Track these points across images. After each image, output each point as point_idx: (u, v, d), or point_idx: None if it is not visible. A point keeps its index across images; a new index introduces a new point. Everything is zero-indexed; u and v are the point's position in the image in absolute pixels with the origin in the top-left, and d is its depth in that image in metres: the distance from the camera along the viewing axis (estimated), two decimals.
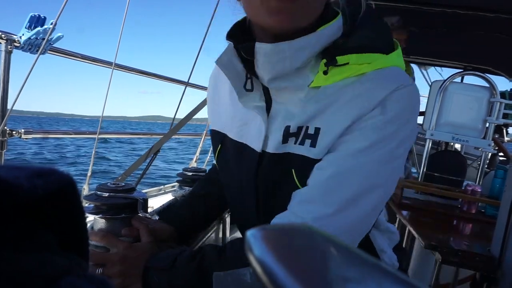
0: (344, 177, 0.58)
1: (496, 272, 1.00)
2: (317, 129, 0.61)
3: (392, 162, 0.59)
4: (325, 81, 0.60)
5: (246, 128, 0.70)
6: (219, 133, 0.78)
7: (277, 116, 0.65)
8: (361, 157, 0.58)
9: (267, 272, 0.17)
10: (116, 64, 1.69)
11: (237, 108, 0.70)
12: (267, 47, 0.57)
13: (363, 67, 0.59)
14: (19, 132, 1.36)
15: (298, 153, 0.62)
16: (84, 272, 0.21)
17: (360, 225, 0.61)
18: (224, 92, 0.77)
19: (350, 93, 0.59)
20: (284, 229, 0.20)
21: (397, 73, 0.61)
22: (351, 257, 0.18)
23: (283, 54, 0.57)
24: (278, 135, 0.64)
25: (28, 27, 1.28)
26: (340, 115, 0.59)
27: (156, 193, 2.15)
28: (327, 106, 0.60)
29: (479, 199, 1.57)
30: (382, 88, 0.58)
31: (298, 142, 0.62)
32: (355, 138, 0.58)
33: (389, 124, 0.57)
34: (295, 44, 0.57)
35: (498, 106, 1.75)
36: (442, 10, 2.24)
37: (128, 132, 2.64)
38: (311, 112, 0.61)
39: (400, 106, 0.58)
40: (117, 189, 0.78)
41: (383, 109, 0.57)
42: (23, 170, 0.20)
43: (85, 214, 0.24)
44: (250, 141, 0.69)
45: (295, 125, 0.63)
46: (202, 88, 2.60)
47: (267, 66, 0.59)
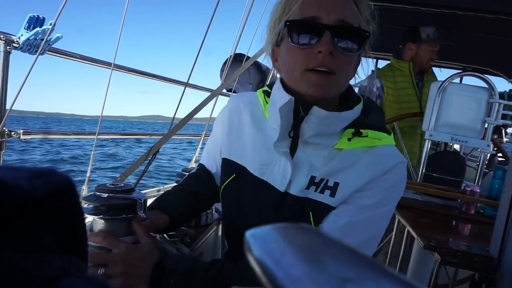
0: (354, 227, 0.74)
1: (495, 273, 1.00)
2: (336, 183, 0.76)
3: (388, 217, 0.79)
4: (347, 145, 0.77)
5: (269, 168, 0.81)
6: (236, 164, 0.87)
7: (301, 165, 0.78)
8: (368, 212, 0.75)
9: (266, 273, 0.17)
10: (115, 64, 1.69)
11: (260, 149, 0.83)
12: (323, 113, 0.72)
13: (375, 141, 0.77)
14: (18, 132, 1.36)
15: (318, 200, 0.76)
16: (83, 273, 0.21)
17: None
18: (249, 130, 0.87)
19: (365, 160, 0.76)
20: (284, 230, 0.20)
21: (397, 151, 0.80)
22: (351, 257, 0.18)
23: (332, 121, 0.74)
24: (303, 181, 0.77)
25: (27, 27, 1.28)
26: (356, 175, 0.76)
27: (155, 193, 2.15)
28: (347, 166, 0.76)
29: (478, 199, 1.57)
30: (389, 160, 0.76)
31: (319, 190, 0.77)
32: (366, 196, 0.75)
33: (391, 188, 0.76)
34: (342, 116, 0.75)
35: (497, 106, 1.76)
36: (440, 11, 2.24)
37: (128, 132, 2.63)
38: (333, 168, 0.77)
39: (399, 175, 0.77)
40: (116, 189, 0.77)
41: (389, 176, 0.75)
42: (22, 171, 0.20)
43: (84, 215, 0.24)
44: (272, 180, 0.80)
45: (319, 176, 0.77)
46: (202, 88, 2.60)
47: (316, 126, 0.74)
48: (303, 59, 0.71)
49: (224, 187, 0.89)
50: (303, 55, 0.71)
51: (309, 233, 0.20)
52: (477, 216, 1.54)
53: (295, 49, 0.73)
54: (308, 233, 0.20)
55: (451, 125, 1.81)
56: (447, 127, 1.82)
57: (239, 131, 0.89)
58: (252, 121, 0.87)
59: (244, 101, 0.91)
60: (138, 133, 2.74)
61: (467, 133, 1.79)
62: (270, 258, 0.17)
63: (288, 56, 0.75)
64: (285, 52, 0.76)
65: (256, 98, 0.90)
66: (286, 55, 0.76)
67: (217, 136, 0.95)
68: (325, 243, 0.19)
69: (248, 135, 0.87)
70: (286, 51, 0.76)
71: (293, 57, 0.74)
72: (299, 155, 0.79)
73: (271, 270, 0.17)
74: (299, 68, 0.72)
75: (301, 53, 0.72)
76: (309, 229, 0.21)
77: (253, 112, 0.88)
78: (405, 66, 2.30)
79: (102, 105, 1.66)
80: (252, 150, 0.85)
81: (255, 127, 0.86)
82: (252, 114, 0.88)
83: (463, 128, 1.80)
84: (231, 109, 0.93)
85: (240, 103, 0.91)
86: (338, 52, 0.70)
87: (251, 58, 1.51)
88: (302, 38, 0.71)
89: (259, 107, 0.88)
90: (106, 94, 1.70)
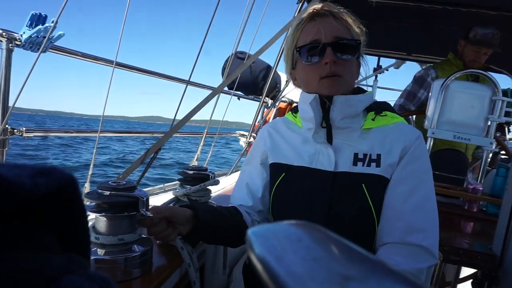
0: (428, 198, 0.89)
1: (497, 270, 1.00)
2: (378, 155, 0.91)
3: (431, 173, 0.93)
4: (373, 124, 0.94)
5: (315, 158, 0.95)
6: (283, 164, 1.00)
7: (341, 147, 0.94)
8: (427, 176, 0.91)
9: (268, 270, 0.17)
10: (117, 62, 1.69)
11: (302, 146, 0.99)
12: (341, 98, 0.89)
13: (394, 119, 0.96)
14: (21, 130, 1.36)
15: (368, 172, 0.90)
16: (85, 270, 0.21)
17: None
18: (288, 137, 1.04)
19: (394, 133, 0.93)
20: (285, 227, 0.20)
21: (413, 127, 0.98)
22: (353, 255, 0.18)
23: (351, 103, 0.90)
24: (348, 159, 0.92)
25: (29, 25, 1.28)
26: (393, 145, 0.91)
27: (157, 191, 2.16)
28: (381, 141, 0.92)
29: (481, 197, 1.56)
30: (413, 131, 0.94)
31: (366, 165, 0.91)
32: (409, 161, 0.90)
33: (425, 151, 0.95)
34: (358, 98, 0.92)
35: (500, 104, 1.75)
36: (443, 7, 2.23)
37: (130, 130, 2.63)
38: (370, 144, 0.92)
39: (423, 144, 0.94)
40: (118, 187, 0.78)
41: (418, 143, 0.92)
42: (24, 169, 0.20)
43: (86, 213, 0.24)
44: (320, 165, 0.94)
45: (361, 152, 0.92)
46: (203, 86, 2.60)
47: (340, 110, 0.90)
48: (316, 72, 0.92)
49: (275, 189, 1.00)
50: (315, 69, 0.92)
51: (311, 230, 0.20)
52: (480, 214, 1.54)
53: (308, 66, 0.93)
54: (310, 231, 0.20)
55: (454, 122, 1.81)
56: (450, 124, 1.81)
57: (280, 140, 1.05)
58: (290, 130, 1.05)
59: (276, 121, 1.12)
60: (140, 131, 2.74)
61: (470, 130, 1.79)
62: (271, 255, 0.17)
63: (304, 73, 0.96)
64: (302, 71, 0.97)
65: (285, 118, 1.10)
66: (302, 73, 0.97)
67: (257, 154, 1.09)
68: (327, 241, 0.19)
69: (289, 141, 1.03)
70: (302, 70, 0.96)
71: (307, 73, 0.95)
72: (336, 142, 0.95)
73: (273, 267, 0.16)
74: (315, 79, 0.92)
75: (313, 68, 0.92)
76: (311, 226, 0.20)
77: (287, 126, 1.07)
78: (459, 63, 2.26)
79: (101, 104, 1.67)
80: (295, 150, 1.00)
81: (293, 133, 1.04)
82: (287, 127, 1.06)
83: (466, 126, 1.79)
84: (268, 129, 1.10)
85: (274, 124, 1.10)
86: (340, 60, 0.90)
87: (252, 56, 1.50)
88: (311, 57, 0.92)
89: (291, 122, 1.07)
90: (108, 91, 1.70)
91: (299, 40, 0.95)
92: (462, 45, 2.25)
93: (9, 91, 1.28)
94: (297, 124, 1.05)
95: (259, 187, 1.05)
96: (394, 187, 0.89)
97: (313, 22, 0.93)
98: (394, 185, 0.89)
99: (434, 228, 0.87)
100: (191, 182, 1.27)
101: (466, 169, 1.83)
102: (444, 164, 1.80)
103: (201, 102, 1.60)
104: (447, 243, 1.07)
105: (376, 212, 0.88)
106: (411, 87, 2.39)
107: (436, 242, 0.87)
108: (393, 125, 0.95)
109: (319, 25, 0.91)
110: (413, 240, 0.84)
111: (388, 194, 0.89)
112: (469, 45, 2.18)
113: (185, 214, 0.88)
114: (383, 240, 0.89)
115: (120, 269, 0.75)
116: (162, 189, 2.20)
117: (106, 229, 0.76)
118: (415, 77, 2.41)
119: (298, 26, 0.96)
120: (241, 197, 1.07)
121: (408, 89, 2.40)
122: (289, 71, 1.04)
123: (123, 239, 0.76)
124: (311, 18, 0.94)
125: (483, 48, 2.15)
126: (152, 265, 0.83)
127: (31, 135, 1.42)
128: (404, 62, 4.20)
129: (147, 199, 0.79)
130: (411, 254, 0.84)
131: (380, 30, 2.92)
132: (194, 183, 1.24)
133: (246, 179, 1.09)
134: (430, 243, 0.85)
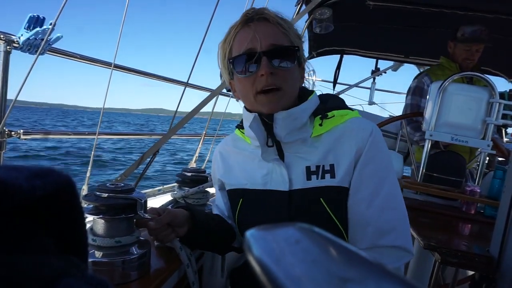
0: (392, 195, 0.85)
1: (495, 273, 1.00)
2: (331, 165, 0.85)
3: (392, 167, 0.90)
4: (321, 130, 0.88)
5: (268, 178, 0.91)
6: (239, 190, 0.96)
7: (293, 163, 0.88)
8: (388, 171, 0.87)
9: (266, 273, 0.17)
10: (115, 64, 1.69)
11: (254, 166, 0.94)
12: (283, 113, 0.84)
13: (344, 117, 0.89)
14: (18, 132, 1.35)
15: (322, 185, 0.85)
16: (82, 273, 0.21)
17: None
18: (239, 159, 1.00)
19: (344, 135, 0.87)
20: (283, 229, 0.20)
21: (365, 120, 0.91)
22: (351, 257, 0.18)
23: (294, 116, 0.85)
24: (301, 175, 0.87)
25: (27, 27, 1.28)
26: (345, 150, 0.86)
27: (156, 193, 2.15)
28: (332, 147, 0.86)
29: (478, 199, 1.57)
30: (366, 127, 0.88)
31: (320, 177, 0.85)
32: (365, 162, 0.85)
33: (381, 145, 0.88)
34: (301, 108, 0.86)
35: (497, 106, 1.75)
36: (440, 10, 2.24)
37: (128, 132, 2.62)
38: (321, 154, 0.86)
39: (379, 137, 0.89)
40: (116, 189, 0.77)
41: (372, 139, 0.86)
42: (22, 171, 0.20)
43: (84, 215, 0.24)
44: (275, 186, 0.89)
45: (314, 164, 0.86)
46: (202, 88, 2.60)
47: (283, 126, 0.85)
48: (252, 84, 0.85)
49: (237, 214, 0.97)
50: (251, 82, 0.85)
51: (309, 232, 0.20)
52: (478, 216, 1.54)
53: (243, 78, 0.86)
54: (308, 233, 0.20)
55: (451, 125, 1.81)
56: (447, 127, 1.81)
57: (232, 164, 1.01)
58: (239, 151, 1.00)
59: (227, 141, 1.07)
60: (138, 133, 2.74)
61: (468, 133, 1.79)
62: (270, 257, 0.17)
63: (241, 86, 0.89)
64: (238, 83, 0.90)
65: (235, 135, 1.05)
66: (239, 85, 0.90)
67: (215, 180, 1.06)
68: (325, 243, 0.19)
69: (240, 162, 0.99)
70: (238, 82, 0.89)
71: (244, 86, 0.87)
72: (287, 157, 0.90)
73: (272, 270, 0.16)
74: (251, 93, 0.85)
75: (249, 80, 0.85)
76: (309, 229, 0.20)
77: (236, 145, 1.02)
78: (453, 66, 2.26)
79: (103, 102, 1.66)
80: (247, 171, 0.96)
81: (243, 155, 0.99)
82: (236, 146, 1.02)
83: (464, 128, 1.80)
84: (220, 150, 1.06)
85: (224, 145, 1.06)
86: (278, 70, 0.83)
87: None
88: (246, 68, 0.85)
89: (239, 139, 1.03)
90: (106, 94, 1.70)
91: (233, 48, 0.87)
92: (452, 46, 2.26)
93: (7, 94, 1.28)
94: (246, 140, 0.99)
95: (225, 210, 1.04)
96: (355, 193, 0.85)
97: (247, 28, 0.85)
98: (355, 192, 0.85)
99: (404, 224, 0.85)
100: (189, 184, 1.27)
101: (464, 171, 1.83)
102: (442, 166, 1.80)
103: (200, 104, 1.60)
104: (445, 245, 1.08)
105: (341, 223, 0.85)
106: (411, 99, 2.38)
107: (409, 237, 0.85)
108: (343, 125, 0.88)
109: (254, 32, 0.83)
110: (386, 242, 0.82)
111: (351, 202, 0.85)
112: (460, 44, 2.19)
113: (184, 215, 0.89)
114: (356, 246, 0.87)
115: (118, 271, 0.74)
116: (160, 191, 2.20)
117: (104, 231, 0.76)
118: (411, 88, 2.40)
119: (231, 32, 0.87)
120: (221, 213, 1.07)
121: (409, 102, 2.38)
122: (228, 81, 0.96)
123: (120, 241, 0.76)
124: (244, 23, 0.86)
125: (473, 45, 2.16)
126: (150, 267, 0.82)
127: (29, 137, 1.41)
128: (402, 65, 4.22)
129: (145, 201, 0.79)
130: (386, 256, 0.82)
131: (377, 32, 2.93)
132: (192, 185, 1.24)
133: (216, 200, 1.09)
134: (403, 241, 0.83)
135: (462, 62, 2.22)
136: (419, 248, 1.69)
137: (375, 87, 4.58)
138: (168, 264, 0.88)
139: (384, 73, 4.36)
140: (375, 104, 4.79)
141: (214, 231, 0.95)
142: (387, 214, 0.83)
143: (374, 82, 4.53)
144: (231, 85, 0.96)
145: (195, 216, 0.89)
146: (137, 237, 0.80)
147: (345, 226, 0.85)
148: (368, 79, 4.56)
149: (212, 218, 0.98)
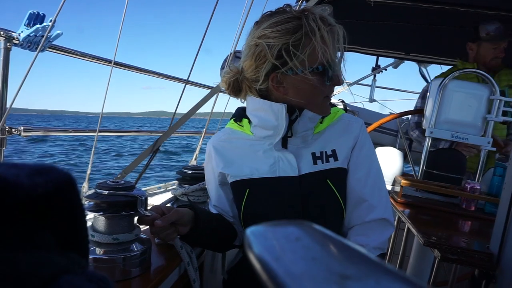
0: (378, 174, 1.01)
1: (495, 270, 1.00)
2: (333, 150, 0.98)
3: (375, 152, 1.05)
4: (322, 126, 1.00)
5: (276, 166, 0.96)
6: (245, 180, 0.97)
7: (298, 152, 0.96)
8: (375, 156, 1.02)
9: (267, 270, 0.17)
10: (116, 61, 1.69)
11: (258, 157, 0.97)
12: (311, 114, 0.92)
13: (337, 114, 1.04)
14: (19, 129, 1.35)
15: (329, 167, 0.95)
16: (83, 270, 0.21)
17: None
18: (239, 150, 1.00)
19: (341, 127, 1.01)
20: (283, 227, 0.20)
21: (353, 116, 1.09)
22: (352, 254, 0.18)
23: (315, 119, 0.94)
24: (309, 160, 0.96)
25: (27, 24, 1.28)
26: (344, 137, 0.99)
27: (156, 191, 2.15)
28: (332, 137, 0.99)
29: (478, 196, 1.57)
30: (356, 121, 1.04)
31: (324, 161, 0.96)
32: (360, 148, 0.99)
33: (367, 135, 1.04)
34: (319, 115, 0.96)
35: (498, 103, 1.75)
36: (441, 7, 2.24)
37: (128, 129, 2.62)
38: (323, 142, 0.98)
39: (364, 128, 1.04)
40: (117, 187, 0.78)
41: (363, 129, 1.02)
42: (23, 168, 0.20)
43: (84, 212, 0.24)
44: (284, 172, 0.95)
45: (318, 150, 0.97)
46: (202, 86, 2.59)
47: (305, 124, 0.93)
48: (324, 90, 0.91)
49: (244, 206, 0.97)
50: (324, 87, 0.90)
51: (309, 229, 0.20)
52: (478, 213, 1.54)
53: (322, 82, 0.89)
54: (308, 230, 0.20)
55: (452, 122, 1.81)
56: (448, 124, 1.81)
57: (231, 157, 1.01)
58: (239, 142, 1.01)
59: (219, 135, 1.06)
60: (138, 130, 2.73)
61: (468, 130, 1.79)
62: (270, 255, 0.17)
63: (310, 87, 0.88)
64: (305, 81, 0.87)
65: (228, 129, 1.06)
66: (305, 85, 0.88)
67: (212, 176, 1.04)
68: (325, 240, 0.19)
69: (241, 155, 1.00)
70: (306, 83, 0.88)
71: (314, 87, 0.89)
72: (291, 148, 0.97)
73: (272, 267, 0.17)
74: (321, 96, 0.92)
75: (325, 85, 0.90)
76: (309, 225, 0.20)
77: (233, 137, 1.03)
78: (475, 67, 2.16)
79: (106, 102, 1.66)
80: (251, 161, 0.98)
81: (241, 148, 1.00)
82: (231, 140, 1.03)
83: (464, 125, 1.80)
84: (213, 145, 1.04)
85: (218, 140, 1.05)
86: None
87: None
88: (331, 75, 0.88)
89: (236, 132, 1.04)
90: (106, 91, 1.69)
91: (328, 47, 0.85)
92: (474, 47, 2.17)
93: (7, 91, 1.28)
94: (245, 132, 1.01)
95: (227, 207, 1.03)
96: (353, 173, 0.98)
97: (332, 35, 0.86)
98: (353, 172, 0.98)
99: (387, 200, 1.00)
100: (190, 182, 1.27)
101: (464, 168, 1.83)
102: (442, 163, 1.80)
103: (200, 102, 1.60)
104: (445, 242, 1.08)
105: (343, 200, 0.95)
106: (421, 103, 2.33)
107: (391, 211, 0.99)
108: (337, 120, 1.02)
109: (335, 42, 0.87)
110: (375, 216, 0.94)
111: (349, 181, 0.97)
112: (485, 43, 2.10)
113: (189, 215, 0.89)
114: (351, 223, 0.97)
115: (119, 268, 0.75)
116: (161, 188, 2.20)
117: (105, 228, 0.76)
118: (424, 91, 2.38)
119: (321, 28, 0.83)
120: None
121: (420, 106, 2.34)
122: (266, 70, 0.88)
123: (120, 239, 0.76)
124: (330, 30, 0.85)
125: (501, 43, 2.09)
126: (151, 264, 0.83)
127: (29, 134, 1.41)
128: (402, 62, 4.20)
129: (146, 199, 0.79)
130: (375, 228, 0.95)
131: (378, 29, 2.92)
132: (193, 183, 1.24)
133: (213, 201, 1.06)
134: (388, 214, 0.96)
135: (490, 62, 2.14)
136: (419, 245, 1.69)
137: (376, 84, 4.57)
138: (169, 261, 0.88)
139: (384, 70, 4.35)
140: (376, 101, 4.78)
141: (215, 230, 0.96)
142: (377, 192, 0.97)
143: (375, 80, 4.52)
144: (273, 76, 0.88)
145: (199, 216, 0.90)
146: (137, 235, 0.80)
147: (345, 202, 0.96)
148: (368, 76, 4.55)
149: (214, 218, 0.98)
